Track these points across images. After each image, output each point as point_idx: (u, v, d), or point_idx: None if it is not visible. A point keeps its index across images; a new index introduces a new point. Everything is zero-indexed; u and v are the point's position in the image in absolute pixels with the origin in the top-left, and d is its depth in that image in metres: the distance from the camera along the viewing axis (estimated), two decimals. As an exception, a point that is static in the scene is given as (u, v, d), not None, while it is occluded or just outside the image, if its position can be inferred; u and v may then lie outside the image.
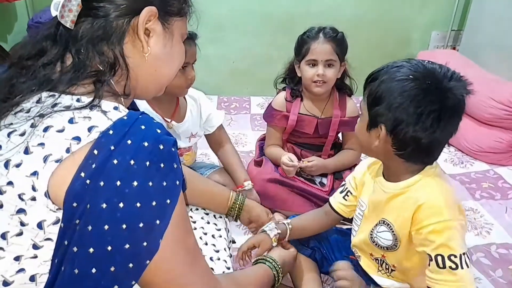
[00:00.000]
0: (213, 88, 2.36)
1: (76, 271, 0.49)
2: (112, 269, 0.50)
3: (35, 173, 0.49)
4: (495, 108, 1.85)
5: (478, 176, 1.78)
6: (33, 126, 0.51)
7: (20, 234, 0.50)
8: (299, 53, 1.41)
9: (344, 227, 1.27)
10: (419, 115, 0.77)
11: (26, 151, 0.50)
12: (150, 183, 0.50)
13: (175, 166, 0.53)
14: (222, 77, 2.54)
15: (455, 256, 0.79)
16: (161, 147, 0.51)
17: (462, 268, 0.79)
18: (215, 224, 1.01)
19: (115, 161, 0.48)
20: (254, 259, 0.98)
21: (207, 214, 1.03)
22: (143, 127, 0.51)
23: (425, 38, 2.63)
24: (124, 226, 0.49)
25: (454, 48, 2.61)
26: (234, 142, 1.99)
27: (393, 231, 0.89)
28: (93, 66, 0.57)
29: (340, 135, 1.58)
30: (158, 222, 0.51)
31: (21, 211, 0.50)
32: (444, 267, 0.79)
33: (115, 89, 0.58)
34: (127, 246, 0.49)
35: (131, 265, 0.50)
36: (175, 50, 0.65)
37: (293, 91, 1.49)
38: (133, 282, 0.51)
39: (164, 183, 0.51)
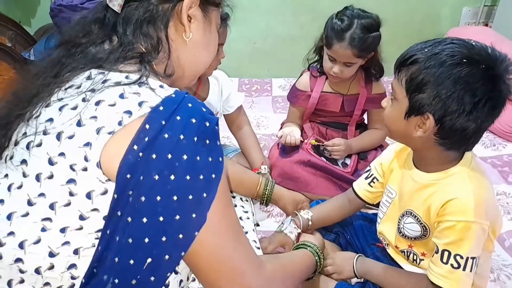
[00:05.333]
0: (233, 70, 2.31)
1: (130, 240, 0.51)
2: (164, 239, 0.52)
3: (88, 144, 0.51)
4: (531, 87, 1.75)
5: (511, 159, 1.71)
6: (84, 100, 0.54)
7: (68, 204, 0.52)
8: (325, 37, 1.33)
9: (370, 211, 1.24)
10: (475, 104, 0.71)
11: (79, 124, 0.52)
12: (198, 158, 0.53)
13: (218, 143, 0.56)
14: (242, 58, 2.50)
15: (461, 257, 0.77)
16: (207, 124, 0.54)
17: (464, 270, 0.77)
18: (242, 206, 1.01)
19: (166, 135, 0.51)
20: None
21: (233, 197, 1.03)
22: (190, 104, 0.54)
23: (456, 14, 2.50)
24: (175, 197, 0.51)
25: (486, 25, 2.48)
26: (256, 124, 1.97)
27: (420, 222, 0.86)
28: (138, 48, 0.61)
29: (365, 115, 1.54)
30: (205, 195, 0.53)
31: (71, 181, 0.51)
32: (446, 263, 0.78)
33: (156, 70, 0.61)
34: (177, 217, 0.52)
35: (181, 236, 0.53)
36: (212, 37, 0.70)
37: (321, 67, 1.43)
38: (182, 253, 0.54)
39: (210, 159, 0.54)
